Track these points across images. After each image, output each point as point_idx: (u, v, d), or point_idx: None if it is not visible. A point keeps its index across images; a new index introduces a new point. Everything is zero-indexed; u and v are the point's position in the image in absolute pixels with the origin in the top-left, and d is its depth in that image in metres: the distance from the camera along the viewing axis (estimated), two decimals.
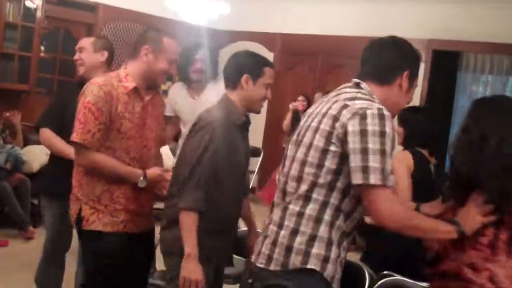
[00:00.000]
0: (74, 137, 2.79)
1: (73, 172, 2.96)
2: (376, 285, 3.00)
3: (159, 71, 2.95)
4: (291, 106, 7.53)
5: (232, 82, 2.85)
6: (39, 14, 7.00)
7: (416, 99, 7.78)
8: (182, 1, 6.77)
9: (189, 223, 2.66)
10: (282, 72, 9.03)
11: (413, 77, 2.38)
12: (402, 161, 3.70)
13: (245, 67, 2.82)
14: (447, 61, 7.77)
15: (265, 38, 9.24)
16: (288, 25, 9.01)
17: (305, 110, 7.74)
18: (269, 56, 9.18)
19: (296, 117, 7.38)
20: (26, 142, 6.58)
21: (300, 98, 7.60)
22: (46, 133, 3.64)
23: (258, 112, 2.94)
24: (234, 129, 2.81)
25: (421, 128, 3.82)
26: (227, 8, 7.06)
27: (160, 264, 3.10)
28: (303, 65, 8.99)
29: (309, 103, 7.46)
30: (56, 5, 7.34)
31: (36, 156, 6.33)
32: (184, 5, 6.80)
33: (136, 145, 2.94)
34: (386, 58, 2.37)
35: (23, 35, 6.95)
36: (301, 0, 8.77)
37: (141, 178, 2.89)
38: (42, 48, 7.41)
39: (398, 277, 3.09)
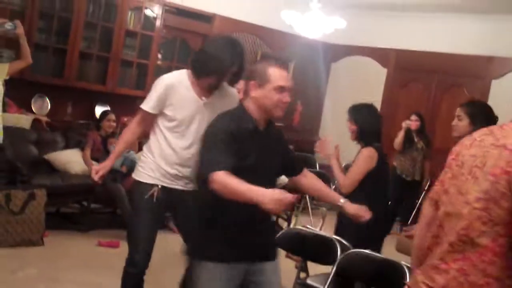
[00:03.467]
0: None
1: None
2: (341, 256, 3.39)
3: None
4: (404, 124, 7.26)
5: None
6: (158, 23, 7.21)
7: None
8: (297, 15, 6.73)
9: None
10: (395, 89, 8.84)
11: None
12: (370, 158, 4.06)
13: None
14: None
15: (379, 54, 9.07)
16: (403, 41, 8.78)
17: (417, 129, 7.49)
18: (383, 71, 9.01)
19: (408, 136, 7.16)
20: (141, 147, 6.75)
21: (413, 117, 7.30)
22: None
23: None
24: None
25: (372, 124, 4.19)
26: (343, 22, 6.95)
27: None
28: (417, 82, 8.73)
29: (423, 122, 7.22)
30: (175, 14, 7.54)
31: None
32: (299, 19, 6.76)
33: None
34: None
35: (142, 43, 7.17)
36: (416, 16, 8.54)
37: None
38: (159, 56, 7.62)
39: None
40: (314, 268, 4.00)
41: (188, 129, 3.47)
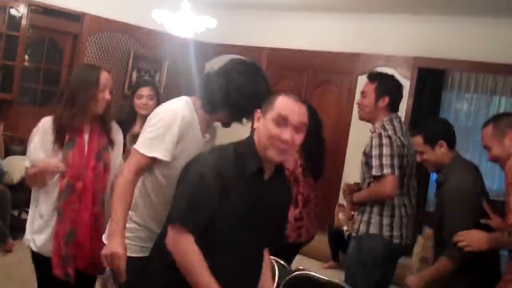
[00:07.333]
0: None
1: None
2: (287, 277, 2.93)
3: None
4: None
5: None
6: (24, 23, 6.94)
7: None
8: (168, 14, 6.70)
9: None
10: None
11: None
12: None
13: None
14: (432, 79, 7.79)
15: (251, 52, 9.20)
16: (275, 40, 9.00)
17: None
18: None
19: None
20: (7, 153, 6.48)
21: None
22: None
23: None
24: None
25: None
26: (214, 22, 7.01)
27: None
28: (289, 79, 8.95)
29: None
30: (42, 14, 7.26)
31: (17, 167, 6.22)
32: (170, 18, 6.74)
33: None
34: None
35: (7, 44, 6.86)
36: (288, 15, 8.78)
37: None
38: (26, 57, 7.34)
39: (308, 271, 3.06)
40: None
41: None
